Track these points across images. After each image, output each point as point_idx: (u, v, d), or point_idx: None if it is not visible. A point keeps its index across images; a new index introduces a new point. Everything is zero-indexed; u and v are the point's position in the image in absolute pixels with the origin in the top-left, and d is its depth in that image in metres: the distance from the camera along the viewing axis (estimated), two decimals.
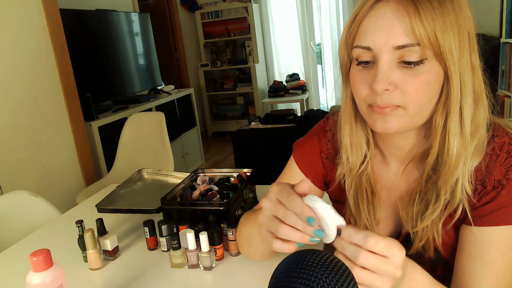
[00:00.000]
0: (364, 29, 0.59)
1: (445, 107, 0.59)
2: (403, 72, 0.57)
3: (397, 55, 0.57)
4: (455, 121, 0.59)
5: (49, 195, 2.22)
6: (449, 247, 0.67)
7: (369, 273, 0.49)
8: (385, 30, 0.57)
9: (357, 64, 0.62)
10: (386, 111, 0.59)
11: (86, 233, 0.95)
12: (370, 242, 0.48)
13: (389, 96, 0.58)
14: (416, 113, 0.60)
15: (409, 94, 0.58)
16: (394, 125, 0.60)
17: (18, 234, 1.26)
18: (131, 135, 2.46)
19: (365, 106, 0.62)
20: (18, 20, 2.13)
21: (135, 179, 1.35)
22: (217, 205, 1.00)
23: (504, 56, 2.58)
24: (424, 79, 0.57)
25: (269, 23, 4.94)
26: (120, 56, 3.23)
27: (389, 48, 0.57)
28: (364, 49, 0.60)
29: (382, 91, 0.58)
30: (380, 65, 0.58)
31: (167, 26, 4.62)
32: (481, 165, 0.62)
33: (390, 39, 0.56)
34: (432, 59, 0.57)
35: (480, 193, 0.62)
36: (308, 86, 4.95)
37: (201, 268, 0.93)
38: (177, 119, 3.68)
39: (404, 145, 0.68)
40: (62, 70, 2.37)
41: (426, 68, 0.57)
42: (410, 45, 0.55)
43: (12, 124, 2.09)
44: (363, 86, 0.61)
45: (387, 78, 0.57)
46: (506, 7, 2.47)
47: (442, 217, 0.64)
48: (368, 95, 0.61)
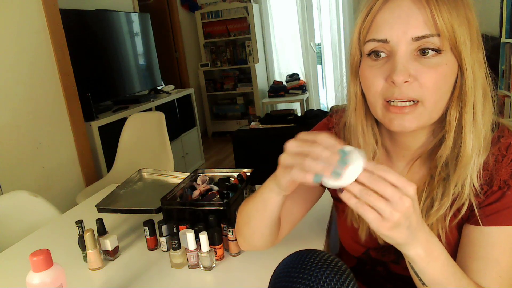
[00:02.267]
0: (380, 22, 0.59)
1: (459, 101, 0.59)
2: (421, 63, 0.57)
3: (414, 47, 0.57)
4: (469, 114, 0.59)
5: (49, 195, 2.22)
6: (452, 246, 0.67)
7: (381, 198, 0.50)
8: (403, 22, 0.56)
9: (369, 56, 0.61)
10: (405, 111, 0.58)
11: (86, 233, 0.95)
12: (382, 168, 0.50)
13: (408, 88, 0.57)
14: (432, 108, 0.59)
15: (427, 87, 0.57)
16: (413, 124, 0.59)
17: (18, 234, 1.26)
18: (131, 135, 2.46)
19: (381, 103, 0.61)
20: (18, 20, 2.13)
21: (135, 179, 1.35)
22: (217, 205, 1.00)
23: (504, 56, 2.58)
24: (441, 71, 0.57)
25: (269, 23, 4.94)
26: (120, 56, 3.23)
27: (408, 40, 0.56)
28: (380, 42, 0.59)
29: (401, 83, 0.57)
30: (398, 57, 0.57)
31: (167, 26, 4.62)
32: (487, 165, 0.62)
33: (409, 30, 0.56)
34: (448, 51, 0.57)
35: (486, 192, 0.62)
36: (308, 86, 4.95)
37: (201, 268, 0.93)
38: (177, 119, 3.68)
39: (412, 145, 0.68)
40: (62, 70, 2.37)
41: (443, 60, 0.57)
42: (429, 36, 0.55)
43: (12, 124, 2.08)
44: (378, 80, 0.60)
45: (407, 70, 0.57)
46: (506, 7, 2.47)
47: (448, 214, 0.64)
48: (385, 89, 0.59)
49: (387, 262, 0.75)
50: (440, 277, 0.57)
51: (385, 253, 0.74)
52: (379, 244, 0.73)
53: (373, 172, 0.50)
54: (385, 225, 0.50)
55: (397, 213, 0.49)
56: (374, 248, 0.75)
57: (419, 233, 0.54)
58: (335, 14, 4.57)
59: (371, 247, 0.75)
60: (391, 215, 0.49)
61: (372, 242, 0.74)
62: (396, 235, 0.51)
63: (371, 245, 0.75)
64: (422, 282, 0.59)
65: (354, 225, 0.72)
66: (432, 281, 0.57)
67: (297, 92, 4.81)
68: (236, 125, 4.86)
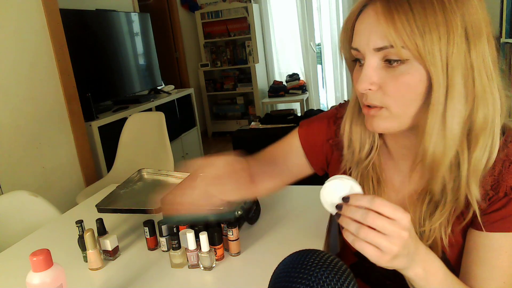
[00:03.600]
0: (355, 31, 0.62)
1: (426, 108, 0.58)
2: (387, 72, 0.59)
3: (380, 57, 0.59)
4: (433, 122, 0.57)
5: (49, 195, 2.22)
6: (455, 250, 0.67)
7: (378, 233, 0.51)
8: (367, 32, 0.59)
9: (355, 63, 0.65)
10: (372, 113, 0.62)
11: (86, 233, 0.95)
12: (377, 202, 0.51)
13: (372, 96, 0.60)
14: (399, 114, 0.60)
15: (388, 95, 0.59)
16: (380, 126, 0.62)
17: (18, 234, 1.26)
18: (131, 135, 2.46)
19: (362, 104, 0.64)
20: (18, 20, 2.13)
21: (135, 179, 1.35)
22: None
23: (504, 56, 2.58)
24: (404, 80, 0.57)
25: (269, 23, 4.94)
26: (120, 56, 3.23)
27: (370, 50, 0.59)
28: (354, 50, 0.62)
29: (364, 91, 0.60)
30: (365, 66, 0.60)
31: (167, 26, 4.62)
32: (494, 170, 0.61)
33: (370, 41, 0.58)
34: (414, 61, 0.56)
35: (491, 198, 0.62)
36: (308, 86, 4.95)
37: (201, 268, 0.93)
38: (177, 119, 3.68)
39: (410, 145, 0.68)
40: (62, 70, 2.37)
41: (406, 69, 0.57)
42: (388, 47, 0.57)
43: (12, 124, 2.09)
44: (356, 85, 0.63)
45: (369, 78, 0.59)
46: (506, 7, 2.47)
47: (451, 219, 0.64)
48: (359, 94, 0.63)
49: None
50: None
51: None
52: None
53: (369, 207, 0.52)
54: (385, 259, 0.52)
55: (396, 246, 0.51)
56: None
57: (417, 255, 0.56)
58: (335, 14, 4.57)
59: None
60: (390, 249, 0.51)
61: None
62: (396, 264, 0.54)
63: None
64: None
65: None
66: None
67: (297, 92, 4.82)
68: (236, 125, 4.86)
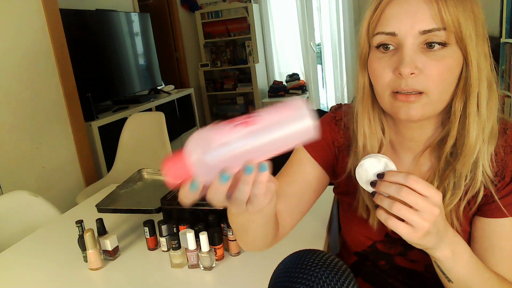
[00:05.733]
0: (388, 16, 0.60)
1: (463, 92, 0.61)
2: (427, 56, 0.59)
3: (421, 40, 0.59)
4: (473, 105, 0.61)
5: (49, 195, 2.22)
6: (464, 238, 0.68)
7: (410, 209, 0.52)
8: (411, 16, 0.58)
9: (377, 49, 0.63)
10: (411, 99, 0.60)
11: (86, 233, 0.95)
12: (411, 178, 0.52)
13: (414, 80, 0.59)
14: (437, 99, 0.61)
15: (432, 79, 0.59)
16: (418, 112, 0.61)
17: (18, 234, 1.26)
18: (131, 135, 2.46)
19: (388, 93, 0.63)
20: (18, 20, 2.13)
21: (135, 179, 1.35)
22: None
23: (504, 56, 2.58)
24: (446, 63, 0.58)
25: (269, 23, 4.94)
26: (120, 56, 3.23)
27: (415, 33, 0.58)
28: (388, 35, 0.60)
29: (408, 75, 0.59)
30: (405, 50, 0.59)
31: (167, 26, 4.62)
32: (497, 156, 0.64)
33: (417, 24, 0.58)
34: (454, 45, 0.58)
35: (497, 185, 0.64)
36: (308, 86, 4.94)
37: (201, 268, 0.93)
38: (177, 119, 3.68)
39: (419, 136, 0.69)
40: (62, 70, 2.37)
41: (448, 53, 0.58)
42: (436, 30, 0.57)
43: (12, 124, 2.09)
44: (386, 72, 0.62)
45: (413, 62, 0.58)
46: (506, 7, 2.47)
47: (462, 204, 0.65)
48: (392, 81, 0.61)
49: (392, 255, 0.76)
50: (465, 272, 0.59)
51: (392, 245, 0.75)
52: (386, 237, 0.74)
53: (404, 183, 0.52)
54: (416, 235, 0.53)
55: (427, 223, 0.52)
56: (381, 241, 0.76)
57: (446, 235, 0.57)
58: (335, 14, 4.56)
59: (378, 240, 0.76)
60: (422, 225, 0.52)
61: (379, 235, 0.75)
62: (426, 242, 0.55)
63: (378, 238, 0.76)
64: (448, 279, 0.61)
65: (364, 216, 0.72)
66: (458, 278, 0.60)
67: (297, 92, 4.81)
68: None
